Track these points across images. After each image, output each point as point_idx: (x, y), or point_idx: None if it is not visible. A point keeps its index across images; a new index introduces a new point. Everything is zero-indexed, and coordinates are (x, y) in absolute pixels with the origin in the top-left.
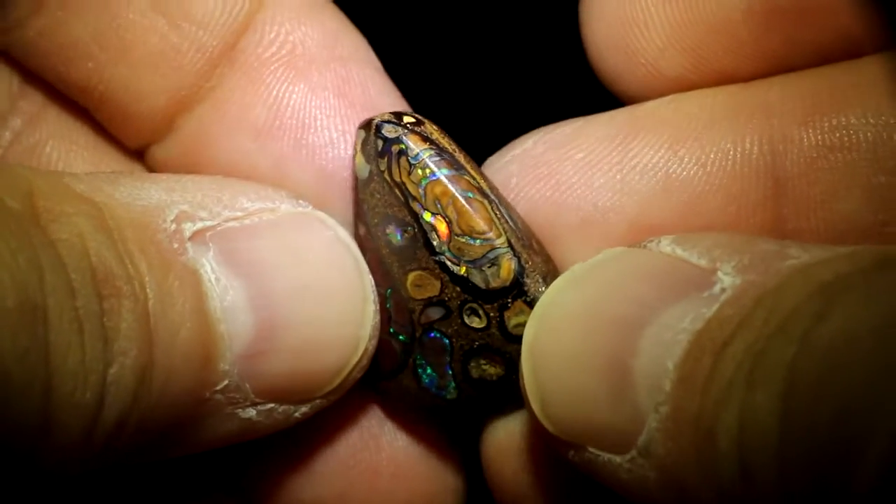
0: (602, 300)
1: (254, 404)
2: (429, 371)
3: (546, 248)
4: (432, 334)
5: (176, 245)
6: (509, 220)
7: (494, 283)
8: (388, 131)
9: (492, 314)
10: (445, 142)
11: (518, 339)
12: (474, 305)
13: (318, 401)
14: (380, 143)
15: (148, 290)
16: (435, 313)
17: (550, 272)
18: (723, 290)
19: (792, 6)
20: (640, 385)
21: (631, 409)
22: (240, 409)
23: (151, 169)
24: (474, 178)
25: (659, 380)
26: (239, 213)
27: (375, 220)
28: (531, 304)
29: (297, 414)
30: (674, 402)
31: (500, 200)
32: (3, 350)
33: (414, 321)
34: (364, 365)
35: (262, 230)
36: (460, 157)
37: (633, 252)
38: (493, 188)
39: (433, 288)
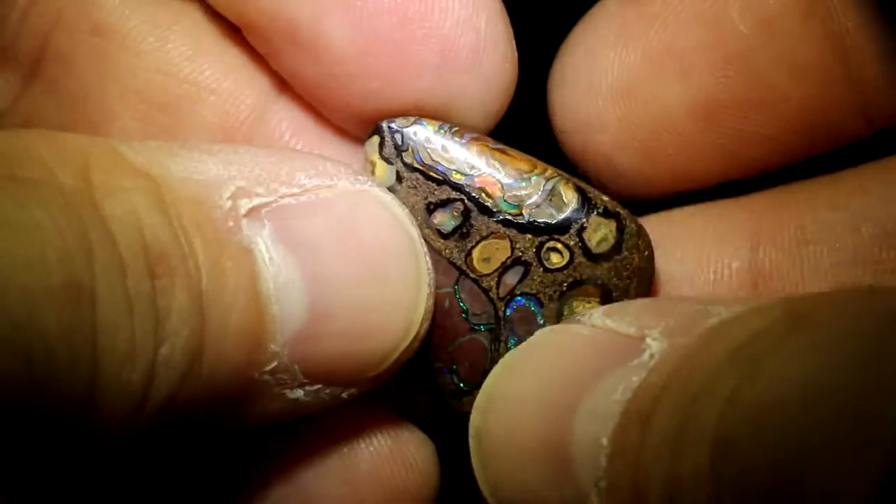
0: (536, 386)
1: (302, 385)
2: None
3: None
4: (517, 302)
5: (231, 223)
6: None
7: (564, 211)
8: (401, 123)
9: (572, 243)
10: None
11: (605, 257)
12: (552, 243)
13: (367, 382)
14: (398, 136)
15: (202, 270)
16: (513, 277)
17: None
18: (651, 356)
19: (733, 102)
20: (579, 463)
21: (574, 488)
22: (287, 390)
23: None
24: (489, 140)
25: (596, 456)
26: (296, 190)
27: (419, 217)
28: (605, 214)
29: (344, 395)
30: (610, 478)
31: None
32: (47, 328)
33: (493, 300)
34: (415, 348)
35: (319, 208)
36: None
37: (564, 330)
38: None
39: (503, 250)
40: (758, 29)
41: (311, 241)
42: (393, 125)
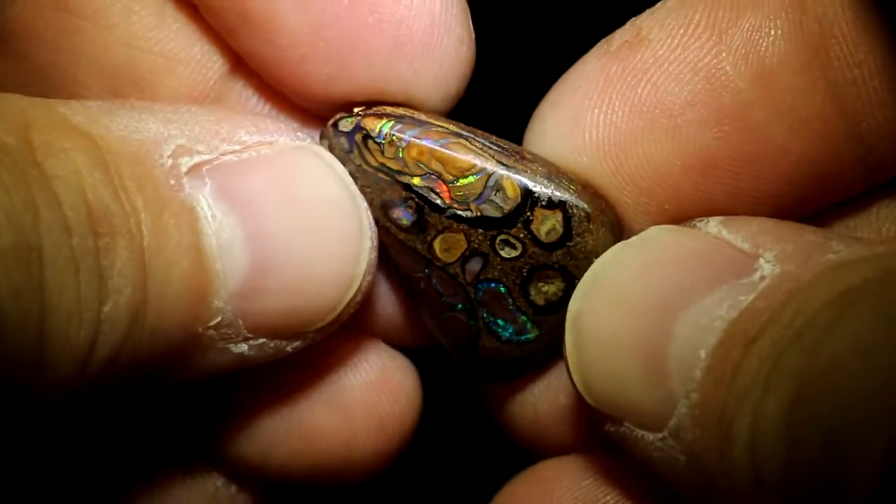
0: (642, 283)
1: (246, 339)
2: (501, 322)
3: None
4: (483, 286)
5: (173, 181)
6: (492, 147)
7: (508, 206)
8: (345, 125)
9: (521, 235)
10: (401, 110)
11: (556, 245)
12: (503, 236)
13: (310, 335)
14: (343, 140)
15: (143, 228)
16: (475, 265)
17: (552, 171)
18: (762, 278)
19: (729, 157)
20: (674, 370)
21: (664, 391)
22: (232, 344)
23: None
24: (442, 126)
25: (692, 366)
26: (237, 147)
27: (377, 213)
28: (549, 206)
29: (288, 348)
30: (702, 392)
31: (475, 135)
32: None
33: (462, 284)
34: (358, 301)
35: (260, 164)
36: (420, 115)
37: (678, 232)
38: (464, 127)
39: (461, 243)
40: (755, 82)
41: (252, 197)
42: (338, 128)
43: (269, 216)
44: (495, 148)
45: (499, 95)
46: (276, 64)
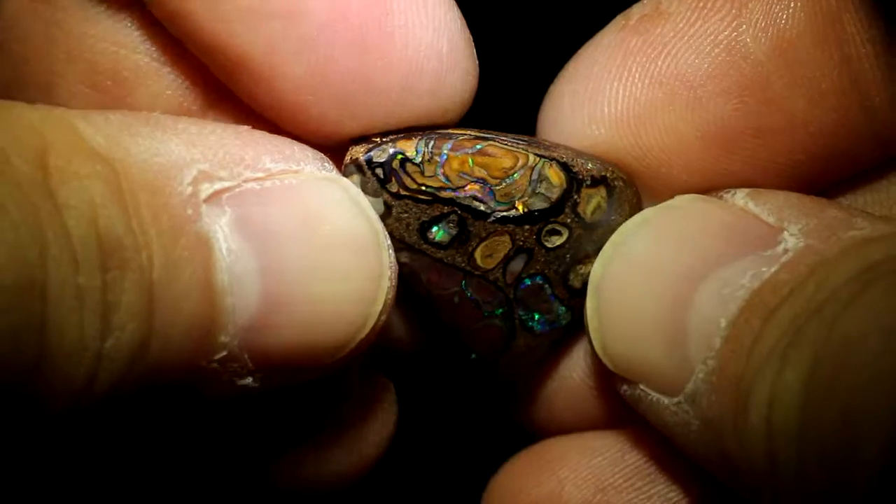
0: (667, 250)
1: (251, 373)
2: (536, 316)
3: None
4: (525, 283)
5: (190, 211)
6: (518, 141)
7: (555, 194)
8: (378, 156)
9: (569, 220)
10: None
11: (600, 223)
12: (550, 226)
13: (318, 371)
14: (378, 171)
15: (155, 261)
16: (518, 264)
17: (575, 153)
18: (785, 251)
19: (749, 129)
20: (693, 336)
21: (681, 357)
22: (236, 378)
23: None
24: (465, 133)
25: (711, 334)
26: (260, 174)
27: (414, 238)
28: (593, 184)
29: (294, 381)
30: (720, 360)
31: (495, 134)
32: None
33: (503, 287)
34: (371, 339)
35: (283, 195)
36: (440, 130)
37: (706, 202)
38: (481, 130)
39: (504, 245)
40: (774, 54)
41: (271, 230)
42: (371, 158)
43: (286, 250)
44: (522, 142)
45: (494, 94)
46: (279, 106)
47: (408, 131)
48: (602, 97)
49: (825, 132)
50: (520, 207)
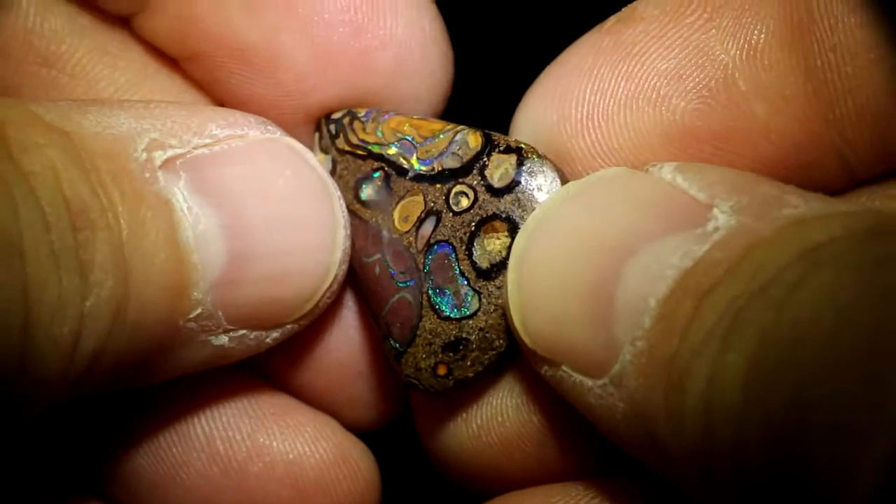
0: (591, 223)
1: (226, 331)
2: (443, 295)
3: None
4: (433, 250)
5: (147, 174)
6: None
7: (468, 155)
8: (336, 115)
9: (475, 182)
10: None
11: (506, 190)
12: (458, 187)
13: (288, 326)
14: (332, 126)
15: (121, 222)
16: (428, 227)
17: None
18: (716, 228)
19: (710, 131)
20: (619, 315)
21: (608, 336)
22: (212, 336)
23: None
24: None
25: (639, 313)
26: (208, 140)
27: (349, 197)
28: (506, 151)
29: (268, 339)
30: (650, 340)
31: None
32: None
33: (414, 255)
34: (335, 290)
35: (232, 157)
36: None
37: (632, 175)
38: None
39: (418, 206)
40: (741, 57)
41: (226, 189)
42: (330, 118)
43: (244, 207)
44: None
45: (478, 95)
46: (279, 101)
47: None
48: (570, 96)
49: (787, 140)
50: (436, 167)
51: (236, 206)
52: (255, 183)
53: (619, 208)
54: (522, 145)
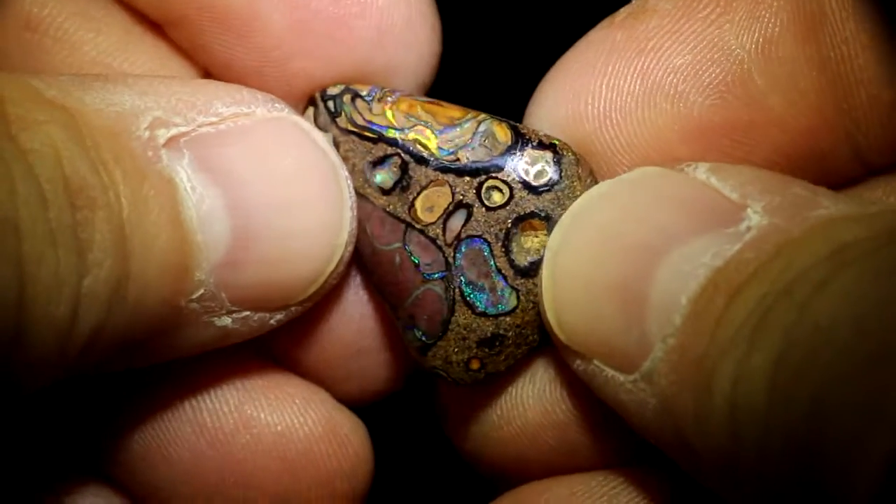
0: (626, 222)
1: (229, 312)
2: (478, 292)
3: None
4: (464, 246)
5: (150, 153)
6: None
7: (497, 149)
8: (332, 90)
9: (510, 178)
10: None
11: (545, 188)
12: (490, 182)
13: (293, 308)
14: (330, 104)
15: (123, 200)
16: (458, 221)
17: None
18: (748, 228)
19: (727, 125)
20: (651, 312)
21: (640, 333)
22: (215, 318)
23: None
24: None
25: (671, 311)
26: (213, 119)
27: (359, 181)
28: (540, 147)
29: (272, 321)
30: (681, 338)
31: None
32: None
33: (442, 247)
34: (340, 271)
35: (237, 136)
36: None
37: (666, 174)
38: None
39: (445, 197)
40: (756, 51)
41: (231, 168)
42: (326, 94)
43: (249, 187)
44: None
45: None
46: (259, 67)
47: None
48: (586, 92)
49: (802, 131)
50: (462, 157)
51: (241, 186)
52: (260, 162)
53: (653, 207)
54: (556, 141)
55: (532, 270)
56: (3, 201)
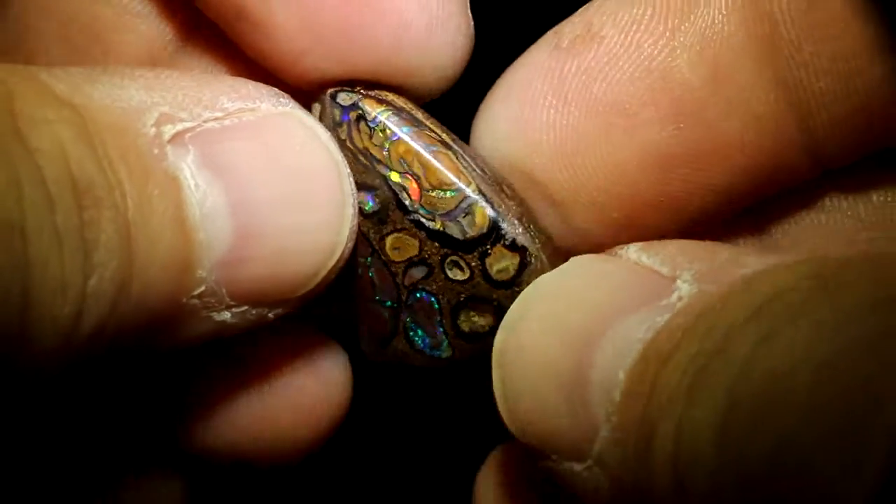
0: (564, 312)
1: (228, 307)
2: (420, 333)
3: (519, 192)
4: (418, 294)
5: (156, 151)
6: (476, 169)
7: (471, 232)
8: (343, 99)
9: (473, 263)
10: (401, 101)
11: (503, 285)
12: (455, 258)
13: (292, 302)
14: (336, 112)
15: (128, 200)
16: (418, 273)
17: (525, 213)
18: (680, 298)
19: (685, 153)
20: (594, 394)
21: (587, 419)
22: (214, 313)
23: None
24: (434, 132)
25: (611, 389)
26: (219, 114)
27: None
28: (511, 248)
29: (270, 315)
30: (621, 413)
31: (464, 150)
32: None
33: (398, 284)
34: (339, 267)
35: (242, 131)
36: (418, 113)
37: (598, 260)
38: (455, 139)
39: (412, 248)
40: (708, 78)
41: (235, 164)
42: (336, 99)
43: (252, 183)
44: (478, 171)
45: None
46: (274, 56)
47: (395, 96)
48: (539, 124)
49: (762, 153)
50: (437, 223)
51: (244, 183)
52: (264, 159)
53: (589, 293)
54: (527, 245)
55: (474, 339)
56: (9, 204)
